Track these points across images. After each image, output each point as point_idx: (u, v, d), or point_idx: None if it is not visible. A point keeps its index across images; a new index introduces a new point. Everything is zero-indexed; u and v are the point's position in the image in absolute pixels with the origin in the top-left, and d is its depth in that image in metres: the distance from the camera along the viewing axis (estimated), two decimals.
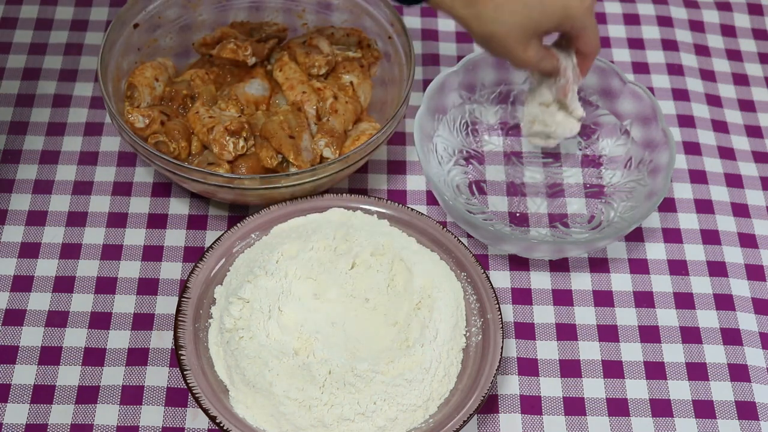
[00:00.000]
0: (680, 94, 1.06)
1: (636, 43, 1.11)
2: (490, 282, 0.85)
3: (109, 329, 0.87)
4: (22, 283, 0.89)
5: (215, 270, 0.86)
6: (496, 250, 0.93)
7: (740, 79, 1.09)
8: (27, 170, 0.97)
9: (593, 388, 0.86)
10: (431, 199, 0.97)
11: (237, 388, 0.79)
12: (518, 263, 0.93)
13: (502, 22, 0.80)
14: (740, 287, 0.93)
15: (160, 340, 0.86)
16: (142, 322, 0.87)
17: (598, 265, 0.93)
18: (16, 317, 0.87)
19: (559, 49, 0.87)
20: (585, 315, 0.90)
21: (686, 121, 1.04)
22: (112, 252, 0.92)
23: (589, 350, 0.88)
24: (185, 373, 0.78)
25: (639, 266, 0.93)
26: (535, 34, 0.83)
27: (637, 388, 0.86)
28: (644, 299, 0.91)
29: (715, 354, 0.88)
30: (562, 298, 0.91)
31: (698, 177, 1.00)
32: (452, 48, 1.10)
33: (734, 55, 1.11)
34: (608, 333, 0.89)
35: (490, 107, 1.00)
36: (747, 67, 1.10)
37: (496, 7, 0.80)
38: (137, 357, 0.85)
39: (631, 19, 1.13)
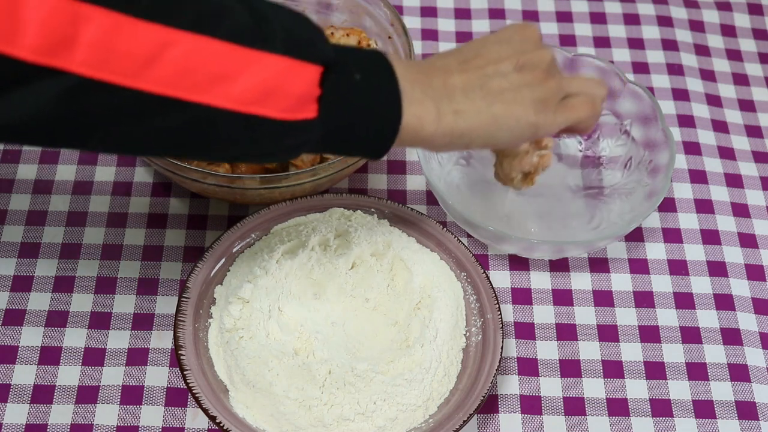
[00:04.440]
0: (680, 94, 1.06)
1: (636, 43, 1.11)
2: (490, 282, 0.85)
3: (109, 329, 0.87)
4: (22, 283, 0.89)
5: (215, 270, 0.86)
6: (496, 250, 0.93)
7: (740, 79, 1.09)
8: (27, 170, 0.97)
9: (593, 388, 0.86)
10: (431, 199, 0.97)
11: (237, 388, 0.79)
12: (518, 263, 0.93)
13: (503, 140, 0.71)
14: (740, 287, 0.93)
15: (160, 340, 0.86)
16: (142, 322, 0.87)
17: (598, 265, 0.93)
18: (16, 317, 0.87)
19: None
20: (585, 315, 0.90)
21: (686, 121, 1.04)
22: (112, 252, 0.92)
23: (589, 350, 0.88)
24: (185, 373, 0.78)
25: (639, 266, 0.93)
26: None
27: (637, 388, 0.86)
28: (644, 299, 0.91)
29: (715, 354, 0.88)
30: (562, 298, 0.91)
31: (698, 177, 1.00)
32: (452, 48, 1.09)
33: (734, 55, 1.11)
34: (608, 333, 0.89)
35: None
36: (747, 67, 1.10)
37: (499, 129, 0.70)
38: (137, 357, 0.85)
39: (631, 19, 1.13)
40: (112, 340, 0.86)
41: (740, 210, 0.98)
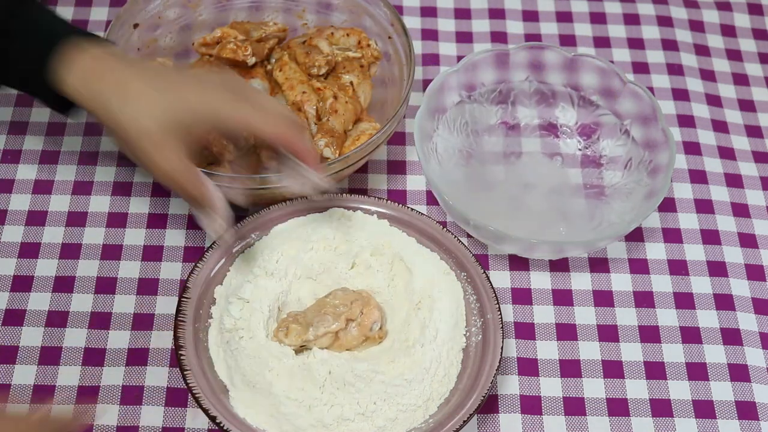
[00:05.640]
0: (680, 94, 1.06)
1: (636, 43, 1.11)
2: (490, 282, 0.85)
3: (109, 329, 0.87)
4: (22, 283, 0.89)
5: (215, 270, 0.86)
6: (496, 250, 0.93)
7: (740, 79, 1.09)
8: (27, 170, 0.97)
9: (593, 388, 0.86)
10: (431, 199, 0.97)
11: (237, 388, 0.79)
12: (518, 263, 0.93)
13: (133, 114, 0.71)
14: (740, 287, 0.93)
15: (160, 340, 0.86)
16: (142, 322, 0.87)
17: (598, 265, 0.93)
18: (16, 317, 0.87)
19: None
20: (585, 315, 0.90)
21: (686, 121, 1.04)
22: (112, 252, 0.92)
23: (589, 350, 0.88)
24: (185, 373, 0.78)
25: (639, 266, 0.93)
26: (179, 135, 0.72)
27: (637, 388, 0.86)
28: (644, 299, 0.91)
29: (715, 354, 0.88)
30: (562, 298, 0.91)
31: (698, 177, 1.00)
32: (452, 48, 1.10)
33: (734, 55, 1.11)
34: (608, 333, 0.89)
35: (490, 107, 1.00)
36: (747, 67, 1.10)
37: (128, 97, 0.70)
38: (137, 357, 0.85)
39: (631, 19, 1.13)
40: (112, 340, 0.86)
41: (740, 210, 0.98)
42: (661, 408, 0.85)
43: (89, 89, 0.73)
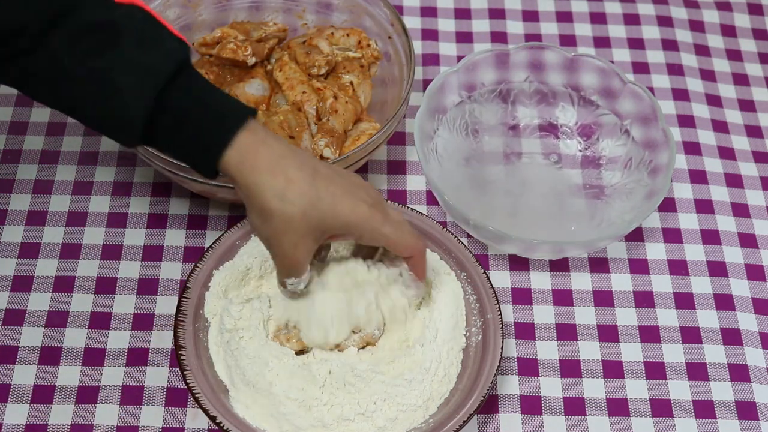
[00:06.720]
0: (680, 94, 1.06)
1: (636, 43, 1.11)
2: (490, 282, 0.85)
3: (109, 329, 0.87)
4: (22, 283, 0.89)
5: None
6: (496, 250, 0.93)
7: (740, 79, 1.09)
8: (27, 170, 0.97)
9: (593, 388, 0.86)
10: (431, 199, 0.97)
11: (237, 388, 0.79)
12: (518, 263, 0.93)
13: (289, 200, 0.70)
14: (740, 287, 0.93)
15: (160, 340, 0.86)
16: (142, 322, 0.87)
17: (598, 265, 0.93)
18: (16, 317, 0.87)
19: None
20: (585, 315, 0.90)
21: (686, 121, 1.04)
22: (112, 252, 0.92)
23: (589, 350, 0.88)
24: (185, 373, 0.78)
25: (639, 266, 0.93)
26: (316, 234, 0.72)
27: (637, 388, 0.86)
28: (644, 299, 0.91)
29: (715, 354, 0.88)
30: (562, 298, 0.91)
31: (698, 177, 1.00)
32: (452, 48, 1.10)
33: (734, 55, 1.11)
34: (608, 333, 0.89)
35: (490, 107, 1.00)
36: (747, 67, 1.10)
37: (279, 176, 0.70)
38: (137, 357, 0.85)
39: (631, 19, 1.13)
40: (112, 340, 0.86)
41: (740, 210, 0.98)
42: (661, 408, 0.85)
43: (241, 162, 0.70)
